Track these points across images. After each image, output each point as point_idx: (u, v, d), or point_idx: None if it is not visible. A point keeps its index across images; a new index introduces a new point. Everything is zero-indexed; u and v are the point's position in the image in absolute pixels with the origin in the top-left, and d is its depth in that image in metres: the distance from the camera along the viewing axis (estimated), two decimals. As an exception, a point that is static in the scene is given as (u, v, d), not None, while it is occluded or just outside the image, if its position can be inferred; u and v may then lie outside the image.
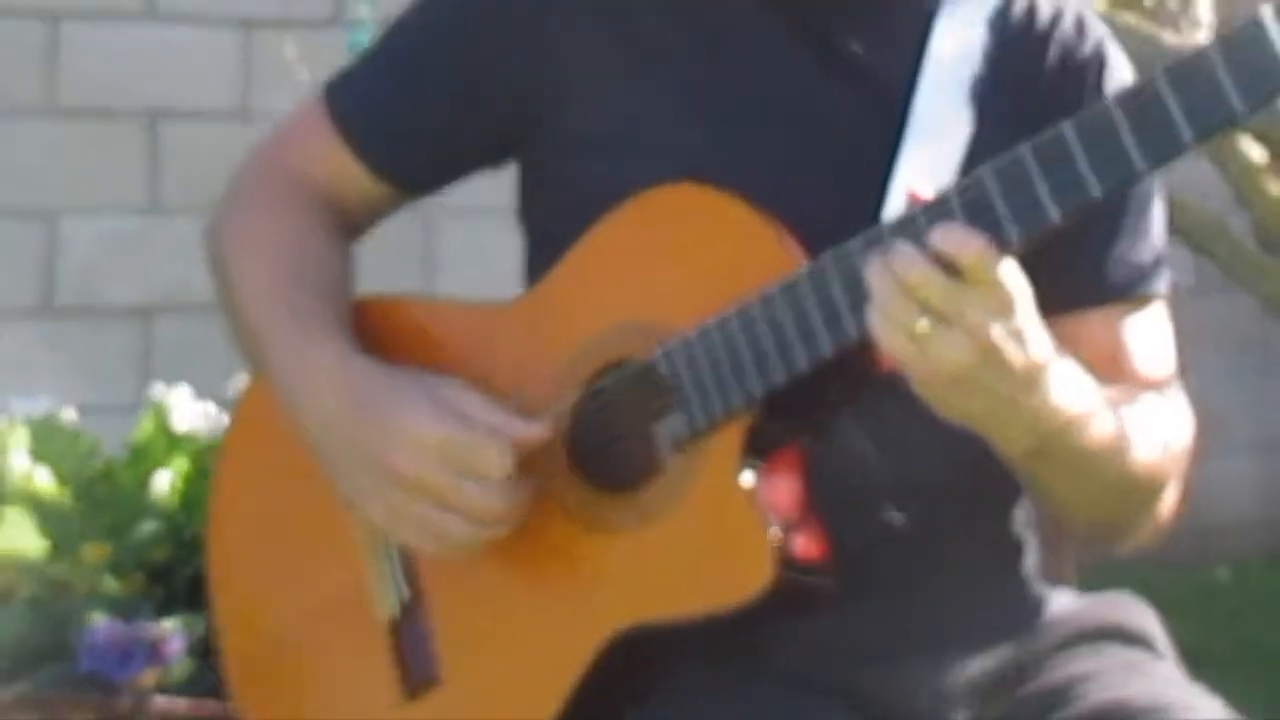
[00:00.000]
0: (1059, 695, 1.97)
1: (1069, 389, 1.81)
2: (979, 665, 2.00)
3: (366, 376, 1.98)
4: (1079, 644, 2.03)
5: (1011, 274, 1.73)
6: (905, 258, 1.71)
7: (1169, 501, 2.00)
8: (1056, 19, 2.06)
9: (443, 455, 1.91)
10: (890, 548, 1.95)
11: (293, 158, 2.15)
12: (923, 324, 1.71)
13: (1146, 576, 3.40)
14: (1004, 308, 1.72)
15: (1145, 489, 1.96)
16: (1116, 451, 1.88)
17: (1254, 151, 4.43)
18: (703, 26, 2.02)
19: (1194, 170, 3.90)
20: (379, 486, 1.94)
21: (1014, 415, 1.78)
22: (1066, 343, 1.90)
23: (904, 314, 1.71)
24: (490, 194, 2.21)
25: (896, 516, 1.96)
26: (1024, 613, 2.06)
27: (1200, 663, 2.06)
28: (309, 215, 2.11)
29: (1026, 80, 2.01)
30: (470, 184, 2.19)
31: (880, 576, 1.94)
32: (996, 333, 1.72)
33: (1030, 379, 1.76)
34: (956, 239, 1.71)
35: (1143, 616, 2.09)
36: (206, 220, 2.18)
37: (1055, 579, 2.15)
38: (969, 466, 2.02)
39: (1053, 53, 2.04)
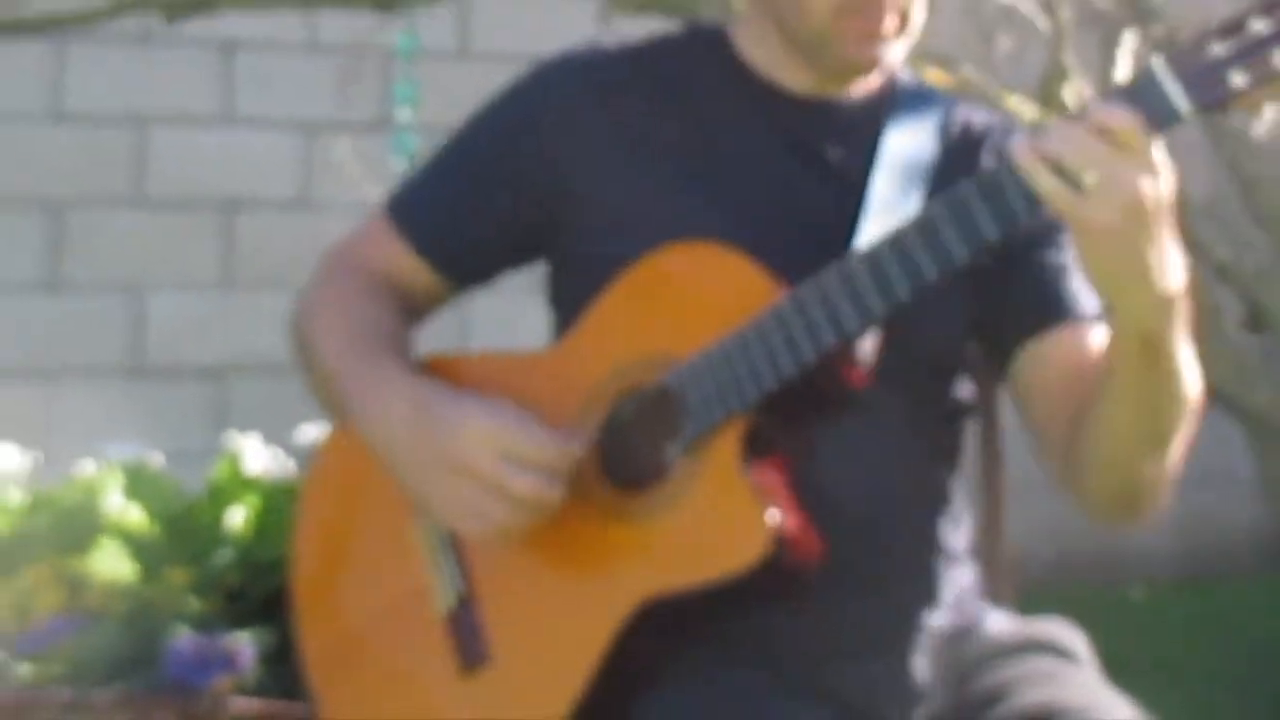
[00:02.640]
0: (995, 696, 1.97)
1: (1178, 266, 1.79)
2: (926, 667, 2.01)
3: (429, 387, 2.02)
4: (1014, 653, 2.03)
5: (1160, 151, 1.74)
6: (1084, 124, 1.73)
7: (1178, 463, 1.96)
8: (988, 129, 2.12)
9: (495, 443, 1.92)
10: (853, 555, 1.95)
11: (361, 255, 2.18)
12: (1090, 176, 1.72)
13: (1071, 594, 3.40)
14: (1152, 172, 1.73)
15: (1187, 419, 1.92)
16: (1188, 363, 1.86)
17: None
18: (696, 128, 2.07)
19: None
20: (438, 474, 1.95)
21: (1145, 277, 1.76)
22: (1040, 360, 1.95)
23: (1076, 164, 1.72)
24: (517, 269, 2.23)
25: (860, 526, 1.97)
26: (965, 621, 2.07)
27: (1116, 672, 2.05)
28: (375, 290, 2.14)
29: (963, 175, 2.04)
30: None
31: (845, 582, 1.94)
32: (1146, 191, 1.72)
33: (1163, 246, 1.76)
34: (1116, 114, 1.73)
35: (1071, 635, 2.09)
36: (276, 295, 2.19)
37: (995, 600, 2.16)
38: (924, 485, 2.05)
39: (984, 159, 2.08)
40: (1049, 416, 2.02)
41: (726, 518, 1.89)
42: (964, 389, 2.11)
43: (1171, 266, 1.77)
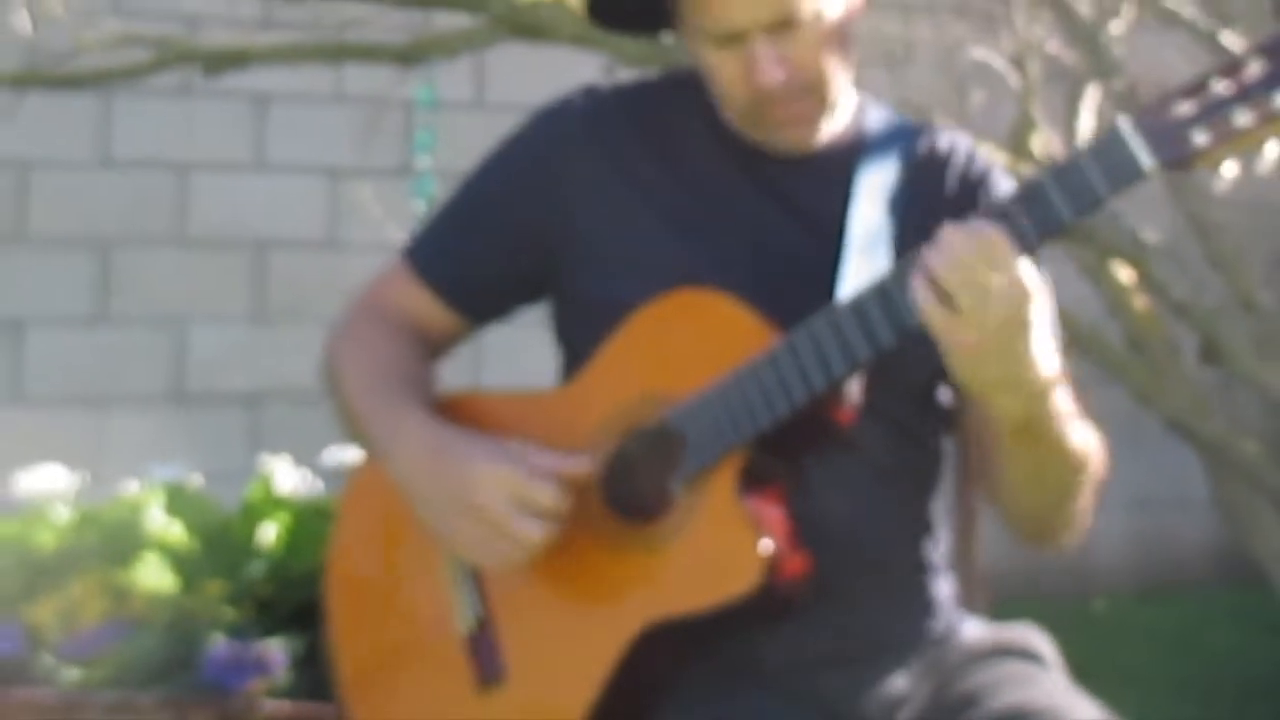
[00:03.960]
0: (971, 698, 1.97)
1: (1051, 364, 1.80)
2: (907, 673, 2.01)
3: (446, 431, 2.01)
4: (988, 658, 2.03)
5: (1030, 272, 1.74)
6: (961, 239, 1.73)
7: (1088, 503, 1.98)
8: (951, 154, 2.10)
9: (505, 486, 1.92)
10: (838, 573, 1.95)
11: (384, 300, 2.18)
12: (962, 298, 1.72)
13: (1039, 606, 3.40)
14: (1018, 291, 1.73)
15: (1084, 475, 1.94)
16: (1071, 433, 1.88)
17: (1123, 273, 4.45)
18: (682, 173, 2.07)
19: (1076, 289, 3.92)
20: (454, 513, 1.95)
21: (1011, 384, 1.78)
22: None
23: (950, 285, 1.72)
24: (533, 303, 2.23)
25: (844, 546, 1.97)
26: (943, 630, 2.07)
27: (1080, 680, 2.05)
28: (398, 334, 2.14)
29: (934, 201, 2.05)
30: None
31: (830, 597, 1.94)
32: (1012, 310, 1.73)
33: (1029, 356, 1.77)
34: (988, 230, 1.74)
35: (1040, 640, 2.10)
36: (306, 327, 2.19)
37: (970, 609, 2.15)
38: (904, 505, 2.05)
39: (951, 178, 2.08)
40: (978, 452, 2.05)
41: (724, 548, 1.89)
42: (941, 412, 2.10)
43: (1040, 368, 1.78)
